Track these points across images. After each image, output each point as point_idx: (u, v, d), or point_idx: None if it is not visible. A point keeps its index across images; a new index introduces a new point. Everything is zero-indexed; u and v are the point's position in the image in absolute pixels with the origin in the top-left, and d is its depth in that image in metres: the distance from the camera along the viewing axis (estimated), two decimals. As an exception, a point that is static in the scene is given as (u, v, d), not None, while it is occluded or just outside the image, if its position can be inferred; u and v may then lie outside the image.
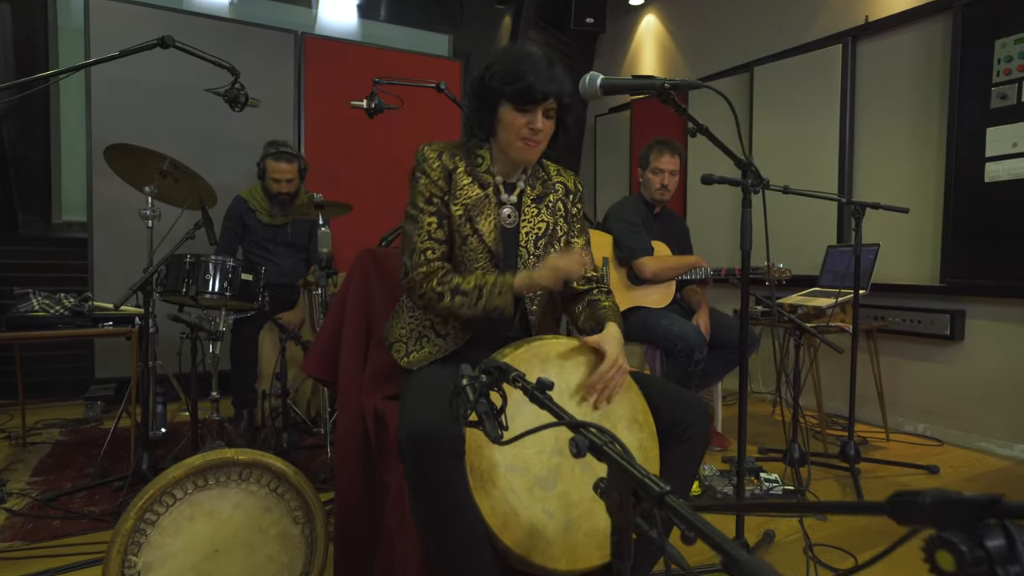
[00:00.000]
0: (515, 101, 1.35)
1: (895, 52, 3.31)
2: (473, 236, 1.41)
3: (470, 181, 1.43)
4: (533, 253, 1.46)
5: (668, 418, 1.35)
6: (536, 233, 1.47)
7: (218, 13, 4.44)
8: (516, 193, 1.48)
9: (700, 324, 2.87)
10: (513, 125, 1.37)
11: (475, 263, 1.42)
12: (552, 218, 1.50)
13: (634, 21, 5.15)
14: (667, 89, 1.11)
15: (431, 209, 1.40)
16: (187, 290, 2.50)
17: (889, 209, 2.49)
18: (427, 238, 1.39)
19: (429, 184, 1.41)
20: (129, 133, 3.43)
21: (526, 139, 1.37)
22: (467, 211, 1.41)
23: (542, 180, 1.53)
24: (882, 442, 3.09)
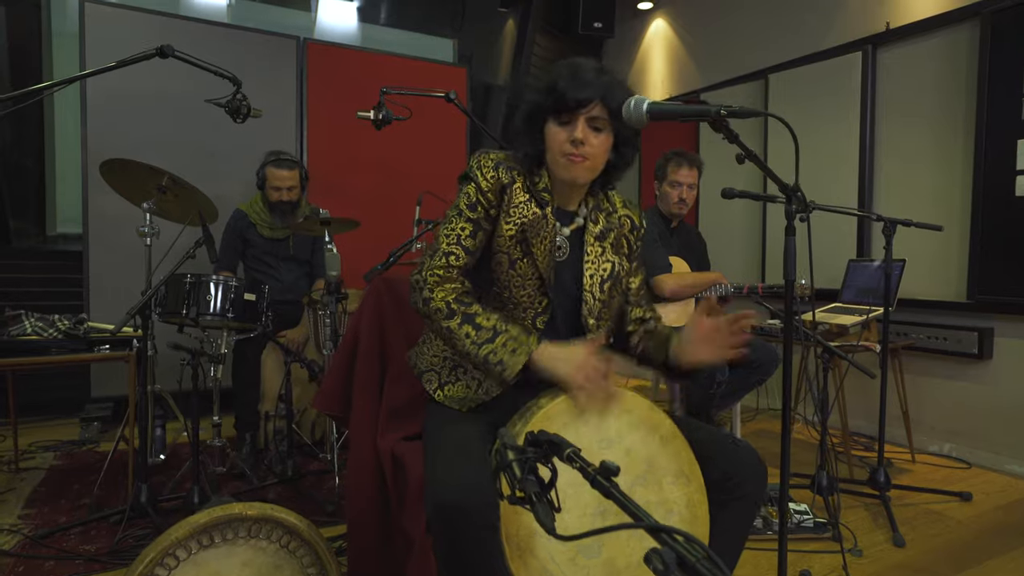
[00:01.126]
0: (553, 112, 1.23)
1: (918, 60, 3.20)
2: (524, 260, 1.27)
3: (527, 198, 1.29)
4: (599, 298, 1.33)
5: (719, 471, 1.23)
6: (601, 275, 1.33)
7: (216, 17, 4.33)
8: (572, 227, 1.34)
9: (720, 344, 2.77)
10: (555, 140, 1.24)
11: (521, 290, 1.28)
12: (617, 257, 1.37)
13: (642, 26, 5.04)
14: (723, 116, 1.00)
15: (471, 215, 1.26)
16: (187, 312, 2.39)
17: (922, 227, 2.39)
18: (455, 242, 1.25)
19: (477, 192, 1.27)
20: (126, 142, 3.32)
21: (569, 155, 1.23)
22: (521, 230, 1.26)
23: (606, 213, 1.38)
24: (908, 464, 2.99)
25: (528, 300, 1.29)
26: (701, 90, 4.37)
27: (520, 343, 1.18)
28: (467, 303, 1.22)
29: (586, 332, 1.32)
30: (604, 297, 1.33)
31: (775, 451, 3.19)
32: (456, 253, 1.25)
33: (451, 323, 1.21)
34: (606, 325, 1.36)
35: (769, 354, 2.79)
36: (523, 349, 1.17)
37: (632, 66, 5.16)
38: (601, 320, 1.34)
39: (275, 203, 3.03)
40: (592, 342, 1.18)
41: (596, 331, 1.33)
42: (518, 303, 1.29)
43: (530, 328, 1.31)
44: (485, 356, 1.17)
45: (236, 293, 2.46)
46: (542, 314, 1.31)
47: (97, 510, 2.26)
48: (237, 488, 2.51)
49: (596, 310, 1.32)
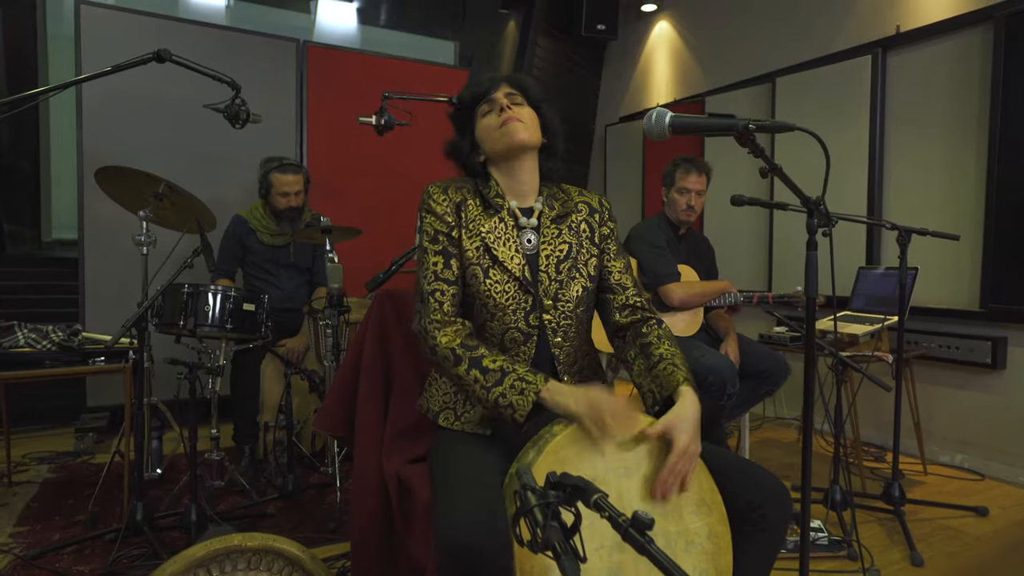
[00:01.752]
0: (476, 102, 1.35)
1: (929, 64, 3.15)
2: (495, 267, 1.28)
3: (481, 210, 1.32)
4: (555, 279, 1.31)
5: (742, 500, 1.17)
6: (558, 256, 1.33)
7: (214, 19, 4.27)
8: (536, 216, 1.36)
9: (729, 353, 2.71)
10: (487, 125, 1.33)
11: (503, 295, 1.27)
12: (575, 239, 1.36)
13: (645, 28, 4.99)
14: (750, 131, 0.95)
15: (436, 248, 1.28)
16: (185, 323, 2.33)
17: (938, 236, 2.33)
18: (434, 279, 1.26)
19: (433, 221, 1.30)
20: (123, 147, 3.26)
21: (503, 122, 1.30)
22: (483, 241, 1.29)
23: (561, 201, 1.40)
24: (920, 475, 2.94)
25: (513, 302, 1.28)
26: (705, 93, 4.32)
27: (527, 382, 1.14)
28: (472, 346, 1.21)
29: (543, 313, 1.29)
30: (561, 277, 1.31)
31: (784, 461, 3.15)
32: (440, 288, 1.26)
33: (459, 369, 1.19)
34: (567, 307, 1.32)
35: (779, 364, 2.73)
36: (531, 388, 1.13)
37: (636, 69, 5.11)
38: (559, 302, 1.31)
39: (283, 210, 2.96)
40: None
41: (555, 313, 1.30)
42: (505, 307, 1.27)
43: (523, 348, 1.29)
44: (495, 400, 1.15)
45: (235, 303, 2.40)
46: (531, 311, 1.29)
47: (92, 527, 2.20)
48: (236, 503, 2.45)
49: (552, 290, 1.30)
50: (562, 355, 1.32)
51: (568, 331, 1.33)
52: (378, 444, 1.55)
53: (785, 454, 3.27)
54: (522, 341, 1.29)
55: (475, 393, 1.17)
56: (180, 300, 2.34)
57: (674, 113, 1.04)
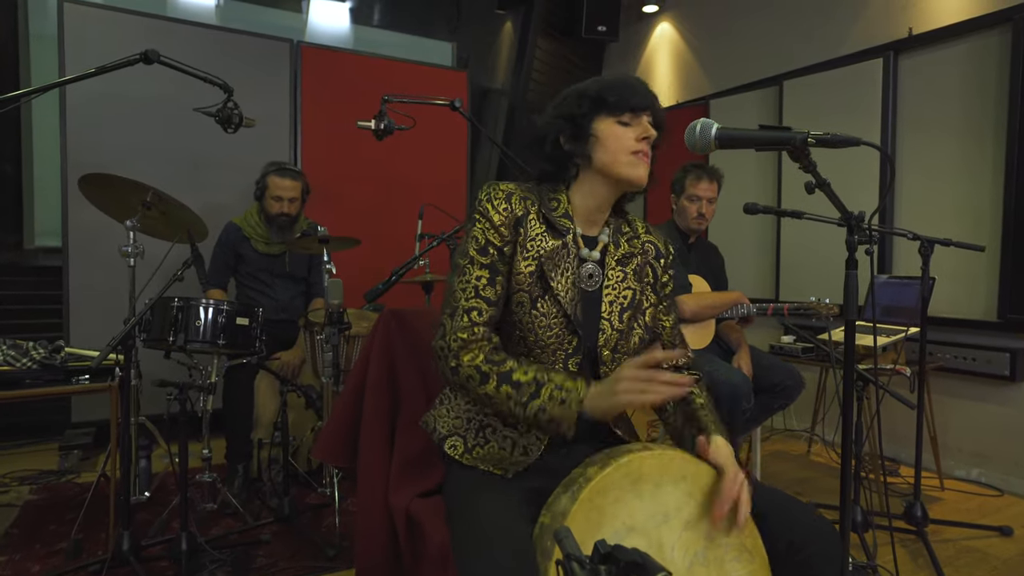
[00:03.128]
0: (618, 111, 1.15)
1: (942, 68, 3.07)
2: (545, 298, 1.14)
3: (544, 229, 1.17)
4: (616, 328, 1.19)
5: (784, 541, 1.08)
6: (621, 303, 1.21)
7: (204, 19, 4.14)
8: (599, 248, 1.22)
9: (742, 366, 2.62)
10: (619, 138, 1.15)
11: (547, 331, 1.14)
12: (639, 285, 1.24)
13: (647, 30, 4.90)
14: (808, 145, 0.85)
15: (483, 260, 1.14)
16: (174, 339, 2.20)
17: (962, 246, 2.25)
18: (473, 295, 1.12)
19: (488, 229, 1.14)
20: (109, 151, 3.13)
21: (638, 152, 1.15)
22: (540, 265, 1.15)
23: (628, 237, 1.26)
24: (938, 491, 2.85)
25: (556, 341, 1.15)
26: (709, 97, 4.23)
27: (568, 391, 1.06)
28: (498, 361, 1.10)
29: (600, 365, 1.18)
30: (623, 327, 1.20)
31: (795, 476, 3.06)
32: (478, 308, 1.12)
33: (488, 388, 1.08)
34: (624, 360, 1.21)
35: (793, 377, 2.64)
36: (572, 397, 1.05)
37: (637, 71, 5.01)
38: (618, 354, 1.20)
39: (274, 215, 2.85)
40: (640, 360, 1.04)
41: (611, 366, 1.19)
42: (545, 346, 1.15)
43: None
44: (535, 414, 1.05)
45: (228, 317, 2.28)
46: (573, 355, 1.16)
47: (75, 557, 2.07)
48: (229, 527, 2.32)
49: (613, 340, 1.19)
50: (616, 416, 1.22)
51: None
52: (384, 475, 1.45)
53: (796, 467, 3.18)
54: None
55: (511, 411, 1.07)
56: (170, 315, 2.22)
57: (721, 125, 0.93)
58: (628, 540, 0.97)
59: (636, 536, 0.97)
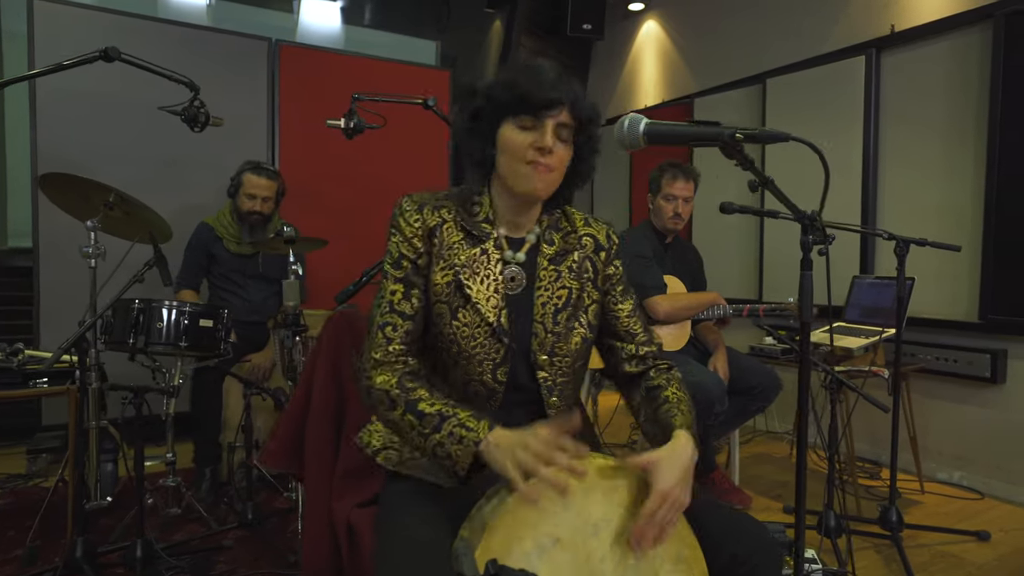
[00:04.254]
0: (515, 112, 1.06)
1: (925, 65, 3.03)
2: (465, 308, 1.09)
3: (461, 237, 1.12)
4: (552, 331, 1.13)
5: (726, 554, 1.04)
6: (555, 304, 1.14)
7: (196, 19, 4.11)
8: (525, 249, 1.16)
9: (718, 368, 2.58)
10: (515, 145, 1.07)
11: (470, 341, 1.09)
12: (577, 283, 1.17)
13: (633, 28, 4.85)
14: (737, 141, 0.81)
15: (397, 274, 1.11)
16: (135, 340, 2.17)
17: (938, 246, 2.21)
18: (388, 310, 1.09)
19: (400, 242, 1.11)
20: (82, 150, 3.10)
21: (533, 163, 1.06)
22: (456, 276, 1.10)
23: (563, 233, 1.20)
24: (917, 494, 2.81)
25: (482, 351, 1.10)
26: (694, 95, 4.19)
27: (468, 430, 0.97)
28: (410, 387, 1.04)
29: (537, 370, 1.13)
30: (560, 329, 1.14)
31: (776, 479, 3.01)
32: (392, 323, 1.09)
33: (395, 414, 1.04)
34: (565, 363, 1.16)
35: (770, 379, 2.61)
36: (470, 437, 0.96)
37: (623, 70, 4.98)
38: (556, 357, 1.14)
39: (246, 213, 2.80)
40: (557, 426, 0.95)
41: (551, 370, 1.14)
42: (471, 356, 1.10)
43: (487, 404, 1.12)
44: (433, 448, 0.99)
45: (190, 319, 2.25)
46: (501, 364, 1.11)
47: (30, 564, 2.03)
48: (194, 532, 2.29)
49: (549, 344, 1.13)
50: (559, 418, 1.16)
51: (565, 389, 1.17)
52: (329, 481, 1.41)
53: (777, 470, 3.13)
54: (485, 396, 1.12)
55: (412, 441, 1.02)
56: (130, 316, 2.18)
57: (650, 120, 0.89)
58: (553, 552, 0.93)
59: (562, 547, 0.93)
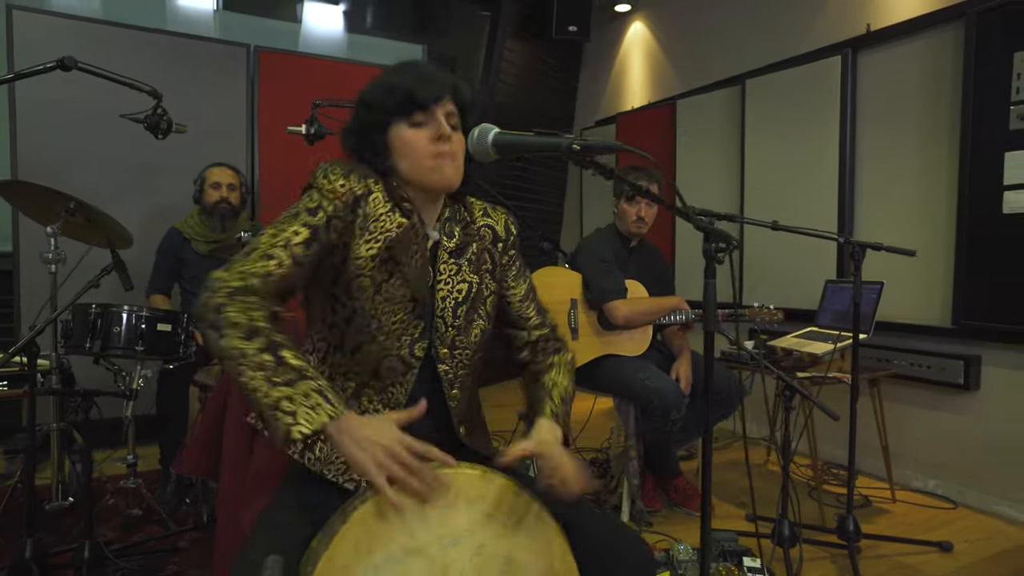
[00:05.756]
0: (404, 112, 1.07)
1: (901, 64, 2.97)
2: (391, 281, 1.08)
3: (389, 208, 1.10)
4: (452, 324, 1.14)
5: (596, 567, 1.04)
6: (456, 298, 1.14)
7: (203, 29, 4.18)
8: (429, 244, 1.15)
9: (680, 374, 2.56)
10: (414, 144, 1.08)
11: (391, 316, 1.08)
12: (476, 276, 1.18)
13: (620, 29, 4.83)
14: (576, 151, 0.80)
15: (311, 220, 1.02)
16: (91, 345, 2.21)
17: (893, 251, 2.16)
18: (282, 244, 0.99)
19: (321, 199, 1.05)
20: (60, 156, 3.16)
21: (439, 154, 1.07)
22: (387, 247, 1.08)
23: (463, 224, 1.19)
24: (888, 502, 2.76)
25: (401, 326, 1.10)
26: (676, 97, 4.15)
27: (327, 401, 0.91)
28: (274, 329, 0.95)
29: (438, 364, 1.14)
30: (460, 323, 1.14)
31: (743, 485, 2.97)
32: (279, 258, 0.98)
33: (248, 345, 0.91)
34: (465, 355, 1.17)
35: (732, 387, 2.57)
36: (326, 409, 0.90)
37: (612, 71, 4.95)
38: (456, 350, 1.15)
39: (214, 205, 2.80)
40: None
41: (451, 363, 1.15)
42: (390, 331, 1.09)
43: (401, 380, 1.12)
44: (276, 400, 0.89)
45: (148, 323, 2.28)
46: (420, 339, 1.12)
47: (-12, 563, 2.08)
48: (151, 533, 2.32)
49: (450, 337, 1.14)
50: (458, 409, 1.17)
51: (465, 381, 1.18)
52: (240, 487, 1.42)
53: (746, 477, 3.09)
54: (401, 371, 1.12)
55: (253, 382, 0.90)
56: (87, 321, 2.22)
57: (500, 130, 0.89)
58: (407, 563, 0.93)
59: (417, 559, 0.93)
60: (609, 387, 2.57)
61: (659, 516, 2.56)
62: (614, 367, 2.53)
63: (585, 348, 2.57)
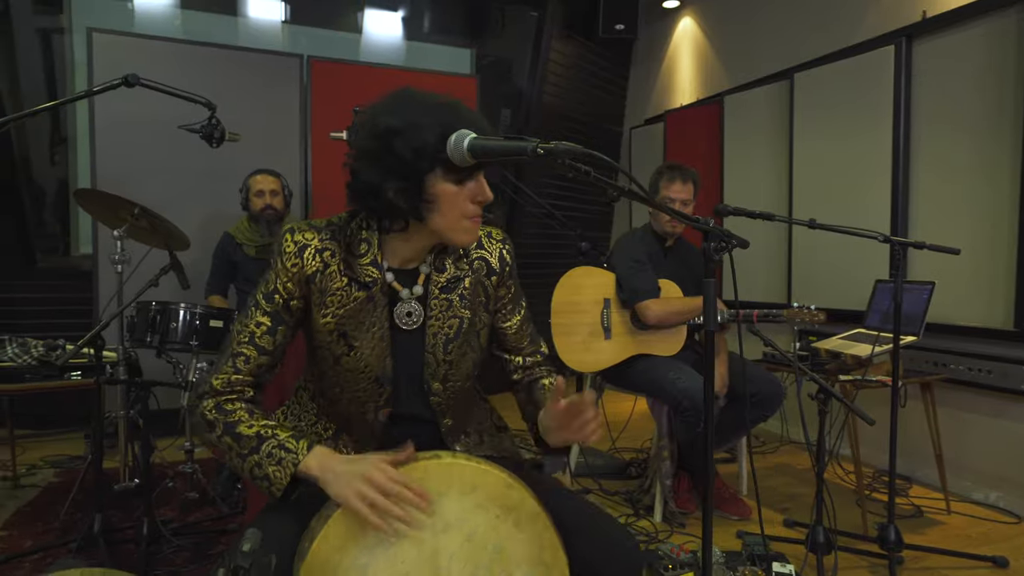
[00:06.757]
0: (456, 169, 0.98)
1: (959, 53, 2.82)
2: (350, 355, 1.09)
3: (346, 283, 1.07)
4: (444, 360, 1.14)
5: (580, 561, 1.06)
6: (447, 334, 1.14)
7: (271, 43, 4.44)
8: (421, 280, 1.13)
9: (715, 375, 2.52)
10: (456, 202, 1.01)
11: (355, 385, 1.12)
12: (468, 311, 1.15)
13: (669, 26, 4.77)
14: (540, 155, 0.84)
15: (267, 307, 1.07)
16: (151, 339, 2.40)
17: (936, 249, 2.07)
18: (247, 340, 1.07)
19: (276, 279, 1.07)
20: (133, 164, 3.42)
21: (476, 217, 1.05)
22: (340, 324, 1.08)
23: (454, 258, 1.15)
24: (942, 514, 2.62)
25: (366, 394, 1.13)
26: (724, 93, 4.07)
27: (287, 451, 1.00)
28: (229, 410, 1.05)
29: (431, 396, 1.16)
30: (452, 357, 1.15)
31: (787, 491, 2.90)
32: (247, 355, 1.07)
33: (213, 436, 1.05)
34: (457, 385, 1.18)
35: (772, 388, 2.52)
36: (289, 459, 1.00)
37: (661, 68, 4.89)
38: (449, 383, 1.17)
39: (259, 211, 2.97)
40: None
41: (444, 395, 1.17)
42: (353, 398, 1.13)
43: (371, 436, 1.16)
44: (250, 470, 1.01)
45: (201, 320, 2.46)
46: (384, 406, 1.15)
47: (63, 536, 2.29)
48: (207, 515, 2.49)
49: (441, 372, 1.15)
50: (452, 433, 1.21)
51: (458, 408, 1.21)
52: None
53: (793, 483, 3.01)
54: (369, 431, 1.16)
55: (232, 463, 1.04)
56: (148, 317, 2.41)
57: (476, 135, 0.94)
58: (398, 547, 0.98)
59: (408, 543, 0.98)
60: (641, 387, 2.56)
61: (692, 518, 2.53)
62: (646, 367, 2.52)
63: (618, 347, 2.58)
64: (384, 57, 4.95)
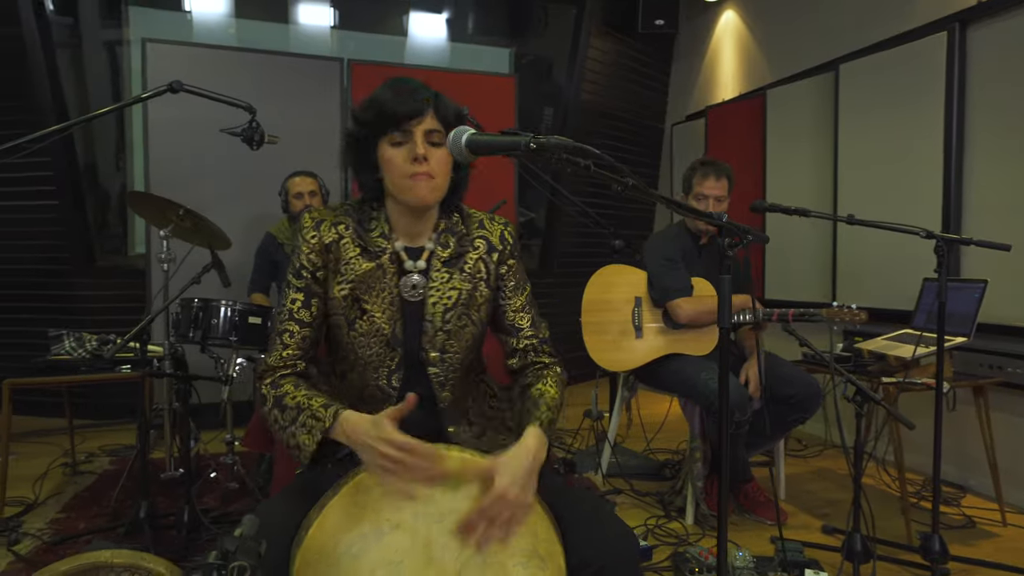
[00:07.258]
0: (384, 131, 1.13)
1: (1016, 39, 2.66)
2: (363, 319, 1.18)
3: (358, 253, 1.19)
4: (441, 328, 1.19)
5: (577, 555, 1.06)
6: (445, 303, 1.20)
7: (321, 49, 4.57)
8: (425, 256, 1.21)
9: (749, 376, 2.46)
10: (393, 163, 1.13)
11: (367, 350, 1.18)
12: (469, 284, 1.22)
13: (712, 19, 4.67)
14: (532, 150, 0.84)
15: (298, 284, 1.19)
16: (193, 335, 2.50)
17: (984, 245, 1.96)
18: (287, 318, 1.18)
19: (301, 255, 1.19)
20: (183, 167, 3.57)
21: (412, 175, 1.12)
22: (352, 290, 1.18)
23: (458, 236, 1.23)
24: (996, 526, 2.48)
25: (378, 358, 1.19)
26: (767, 87, 3.95)
27: (317, 419, 1.07)
28: (279, 384, 1.14)
29: (428, 367, 1.20)
30: (450, 327, 1.20)
31: (827, 497, 2.80)
32: (290, 330, 1.18)
33: (265, 410, 1.14)
34: (456, 358, 1.22)
35: (809, 390, 2.45)
36: (317, 427, 1.06)
37: (703, 63, 4.80)
38: (447, 353, 1.20)
39: (299, 213, 3.07)
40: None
41: (441, 365, 1.20)
42: (367, 363, 1.19)
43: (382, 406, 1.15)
44: (287, 440, 1.09)
45: (241, 317, 2.55)
46: (396, 371, 1.20)
47: (114, 520, 2.42)
48: (246, 505, 2.58)
49: (440, 342, 1.20)
50: (452, 413, 1.23)
51: (457, 384, 1.24)
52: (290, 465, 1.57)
53: (833, 488, 2.90)
54: (381, 399, 1.20)
55: (278, 435, 1.12)
56: (191, 313, 2.52)
57: (474, 132, 0.95)
58: (392, 535, 1.00)
59: (401, 532, 1.00)
60: (672, 386, 2.52)
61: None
62: (677, 366, 2.48)
63: (649, 346, 2.55)
64: (427, 59, 5.02)
